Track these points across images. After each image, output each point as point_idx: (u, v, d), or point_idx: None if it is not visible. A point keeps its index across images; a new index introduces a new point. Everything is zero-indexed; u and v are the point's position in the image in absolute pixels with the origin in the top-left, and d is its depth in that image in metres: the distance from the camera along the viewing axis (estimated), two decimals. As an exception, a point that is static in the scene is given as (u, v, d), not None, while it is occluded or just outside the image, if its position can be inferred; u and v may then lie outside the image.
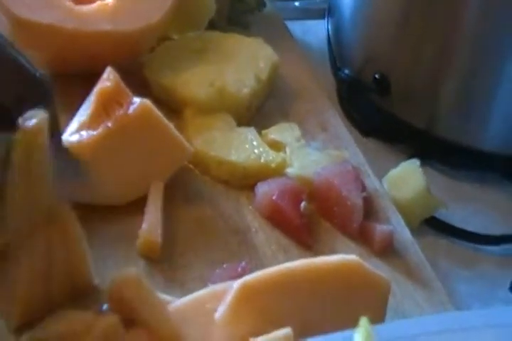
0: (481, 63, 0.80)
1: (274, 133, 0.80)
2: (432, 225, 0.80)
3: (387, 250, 0.72)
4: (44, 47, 0.80)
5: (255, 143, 0.78)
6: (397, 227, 0.74)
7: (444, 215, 0.80)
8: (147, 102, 0.71)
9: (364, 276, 0.60)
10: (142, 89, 0.77)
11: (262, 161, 0.76)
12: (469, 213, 0.82)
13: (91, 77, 0.73)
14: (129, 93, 0.72)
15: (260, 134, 0.79)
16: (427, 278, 0.70)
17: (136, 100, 0.71)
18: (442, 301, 0.68)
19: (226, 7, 0.93)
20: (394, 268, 0.70)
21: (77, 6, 0.80)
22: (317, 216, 0.74)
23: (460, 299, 0.73)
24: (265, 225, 0.73)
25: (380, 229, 0.72)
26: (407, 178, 0.79)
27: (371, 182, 0.77)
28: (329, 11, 0.99)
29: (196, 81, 0.81)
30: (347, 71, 0.92)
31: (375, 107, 0.89)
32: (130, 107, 0.71)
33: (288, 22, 1.00)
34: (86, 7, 0.80)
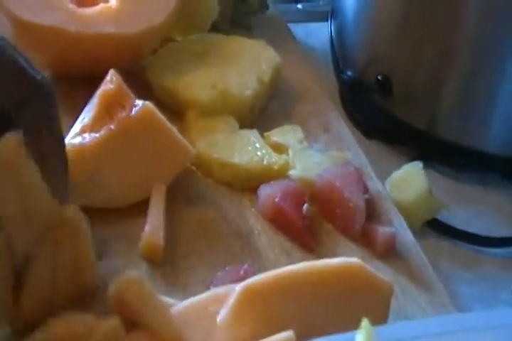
0: (482, 64, 0.80)
1: (277, 135, 0.80)
2: (434, 227, 0.80)
3: (389, 252, 0.72)
4: (46, 49, 0.80)
5: (258, 145, 0.78)
6: (399, 229, 0.74)
7: (446, 217, 0.80)
8: (150, 105, 0.71)
9: (366, 279, 0.59)
10: (145, 91, 0.78)
11: (265, 163, 0.76)
12: (471, 215, 0.82)
13: (93, 80, 0.73)
14: (132, 95, 0.72)
15: (263, 136, 0.79)
16: (429, 280, 0.70)
17: (138, 102, 0.71)
18: (444, 303, 0.68)
19: (229, 9, 0.93)
20: (396, 270, 0.70)
21: (79, 9, 0.80)
22: (319, 218, 0.74)
23: (462, 301, 0.73)
24: (268, 228, 0.73)
25: (383, 231, 0.72)
26: (410, 180, 0.79)
27: (373, 184, 0.77)
28: (332, 14, 0.99)
29: (199, 83, 0.81)
30: (349, 73, 0.92)
31: (378, 108, 0.89)
32: (133, 110, 0.71)
33: (291, 24, 1.00)
34: (88, 9, 0.80)
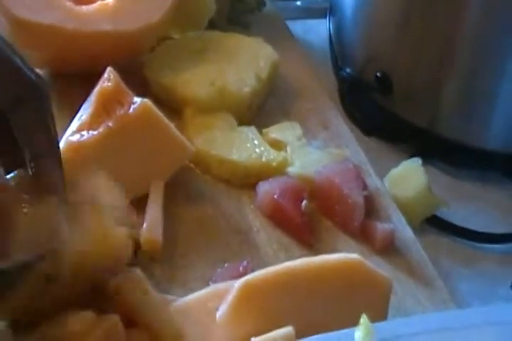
0: (482, 63, 0.80)
1: (275, 132, 0.80)
2: (434, 224, 0.80)
3: (388, 248, 0.72)
4: (44, 47, 0.80)
5: (256, 142, 0.78)
6: (398, 226, 0.74)
7: (446, 214, 0.80)
8: (148, 102, 0.71)
9: (365, 275, 0.59)
10: (142, 88, 0.78)
11: (263, 160, 0.76)
12: (471, 212, 0.82)
13: (91, 77, 0.73)
14: (130, 93, 0.72)
15: (261, 133, 0.79)
16: (429, 277, 0.70)
17: (136, 100, 0.71)
18: (444, 299, 0.68)
19: (226, 7, 0.93)
20: (395, 266, 0.70)
21: (77, 7, 0.80)
22: (318, 214, 0.74)
23: (461, 297, 0.73)
24: (266, 224, 0.73)
25: (382, 228, 0.72)
26: (409, 177, 0.79)
27: (372, 180, 0.77)
28: (331, 10, 0.99)
29: (197, 80, 0.81)
30: (348, 70, 0.92)
31: (377, 106, 0.89)
32: (131, 107, 0.70)
33: (289, 21, 1.00)
34: (86, 7, 0.80)
